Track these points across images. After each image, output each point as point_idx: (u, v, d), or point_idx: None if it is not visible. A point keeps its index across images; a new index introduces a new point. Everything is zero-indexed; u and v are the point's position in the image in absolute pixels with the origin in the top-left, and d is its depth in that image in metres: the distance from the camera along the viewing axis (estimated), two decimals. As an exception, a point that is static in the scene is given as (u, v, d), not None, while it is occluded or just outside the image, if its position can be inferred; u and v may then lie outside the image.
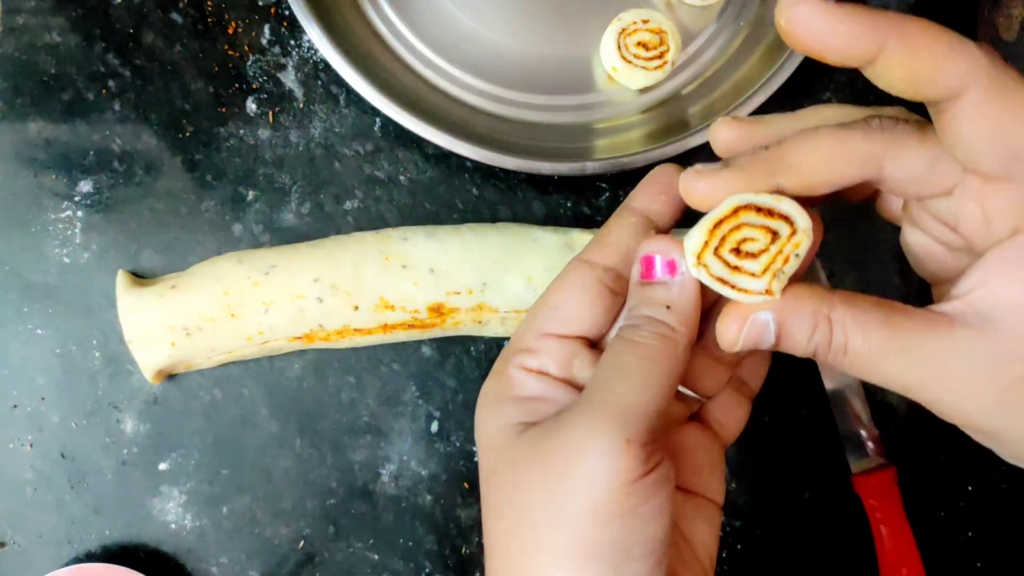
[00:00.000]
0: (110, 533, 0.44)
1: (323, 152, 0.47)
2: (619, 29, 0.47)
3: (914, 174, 0.25)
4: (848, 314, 0.24)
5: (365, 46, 0.47)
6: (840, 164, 0.25)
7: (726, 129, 0.27)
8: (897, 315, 0.24)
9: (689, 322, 0.27)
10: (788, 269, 0.25)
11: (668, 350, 0.26)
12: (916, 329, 0.24)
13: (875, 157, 0.25)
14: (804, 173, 0.25)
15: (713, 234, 0.25)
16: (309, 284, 0.42)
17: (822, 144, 0.25)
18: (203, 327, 0.42)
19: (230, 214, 0.46)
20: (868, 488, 0.46)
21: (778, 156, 0.25)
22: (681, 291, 0.27)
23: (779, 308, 0.25)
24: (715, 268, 0.25)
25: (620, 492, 0.24)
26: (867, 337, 0.24)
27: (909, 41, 0.22)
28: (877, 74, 0.23)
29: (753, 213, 0.25)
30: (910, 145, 0.25)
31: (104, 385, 0.45)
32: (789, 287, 0.25)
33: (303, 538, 0.45)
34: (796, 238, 0.25)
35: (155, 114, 0.46)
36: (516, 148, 0.45)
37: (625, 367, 0.26)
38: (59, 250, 0.45)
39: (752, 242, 0.25)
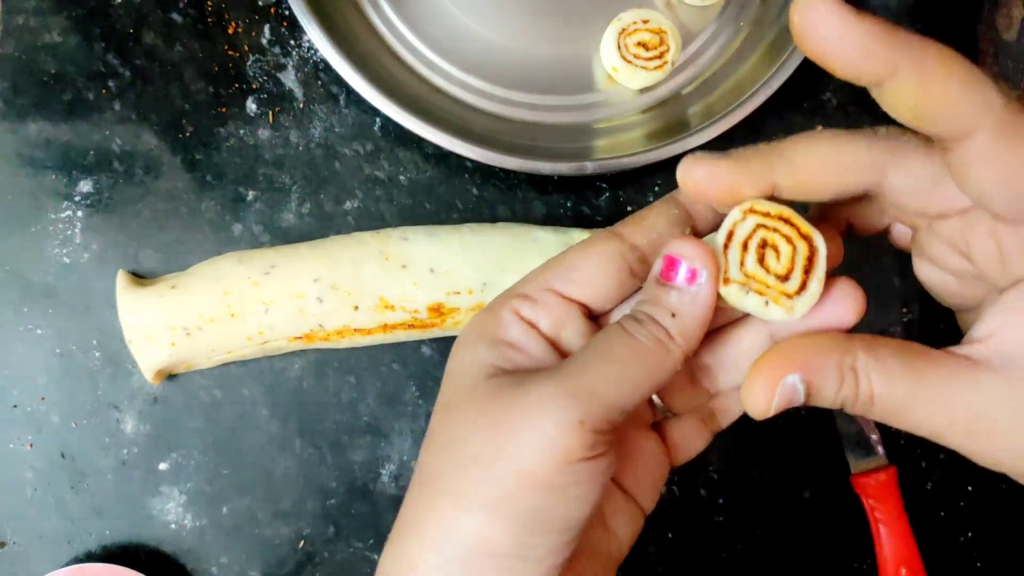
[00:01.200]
0: (110, 533, 0.44)
1: (323, 152, 0.47)
2: (619, 29, 0.47)
3: (917, 187, 0.24)
4: (871, 363, 0.24)
5: (365, 46, 0.47)
6: (841, 168, 0.24)
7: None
8: (920, 361, 0.23)
9: (690, 337, 0.26)
10: (819, 271, 0.25)
11: (659, 356, 0.25)
12: (940, 376, 0.23)
13: (878, 164, 0.24)
14: (803, 173, 0.24)
15: (728, 250, 0.25)
16: (309, 284, 0.42)
17: (824, 145, 0.24)
18: (203, 327, 0.42)
19: (230, 214, 0.46)
20: (868, 488, 0.46)
21: (779, 152, 0.24)
22: (693, 303, 0.26)
23: (806, 367, 0.24)
24: (752, 281, 0.25)
25: (555, 467, 0.24)
26: (892, 386, 0.23)
27: (924, 70, 0.20)
28: (884, 97, 0.21)
29: (763, 229, 0.25)
30: (915, 156, 0.24)
31: (104, 385, 0.45)
32: (812, 340, 0.24)
33: (303, 538, 0.45)
34: (820, 252, 0.25)
35: (155, 114, 0.46)
36: (516, 148, 0.45)
37: (610, 354, 0.25)
38: (59, 250, 0.45)
39: (771, 253, 0.25)
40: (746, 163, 0.24)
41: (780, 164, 0.24)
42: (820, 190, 0.24)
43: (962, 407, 0.23)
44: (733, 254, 0.25)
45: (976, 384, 0.23)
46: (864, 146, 0.24)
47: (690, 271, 0.26)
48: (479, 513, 0.25)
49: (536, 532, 0.25)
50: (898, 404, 0.23)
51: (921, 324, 0.48)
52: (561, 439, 0.24)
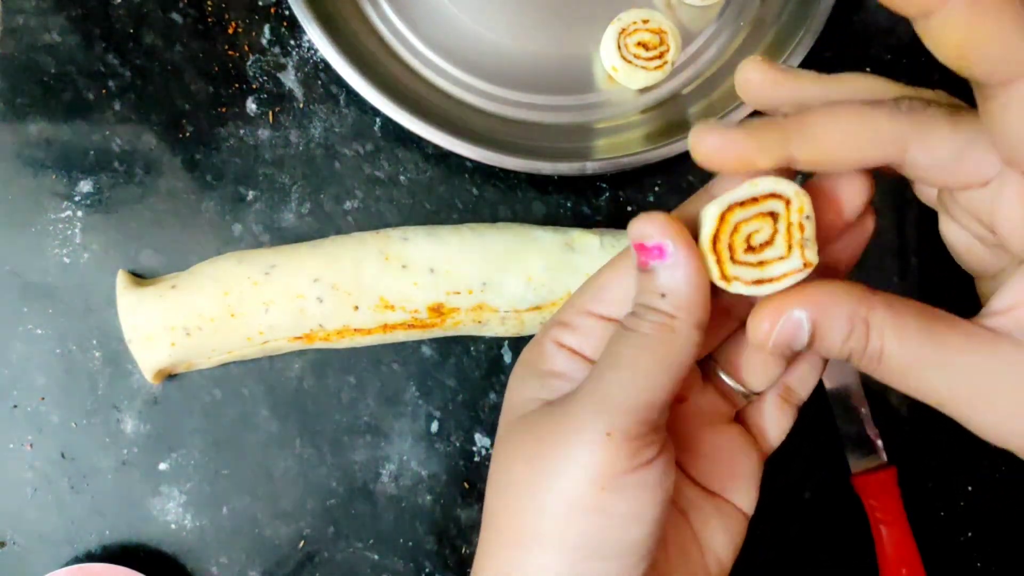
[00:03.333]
0: (110, 533, 0.44)
1: (323, 152, 0.47)
2: (619, 29, 0.47)
3: (940, 161, 0.23)
4: (888, 319, 0.23)
5: (365, 46, 0.47)
6: (861, 142, 0.23)
7: (753, 71, 0.25)
8: (940, 325, 0.23)
9: (689, 306, 0.24)
10: (808, 234, 0.24)
11: (664, 339, 0.24)
12: (959, 342, 0.23)
13: (899, 139, 0.23)
14: (821, 147, 0.23)
15: (719, 249, 0.24)
16: (309, 284, 0.42)
17: (844, 119, 0.23)
18: (203, 327, 0.42)
19: (230, 214, 0.46)
20: (868, 488, 0.46)
21: (796, 125, 0.23)
22: (673, 276, 0.24)
23: (815, 306, 0.23)
24: (744, 274, 0.24)
25: (596, 488, 0.24)
26: (905, 345, 0.23)
27: (976, 5, 0.19)
28: (930, 31, 0.20)
29: (740, 209, 0.24)
30: (939, 130, 0.23)
31: (104, 385, 0.45)
32: (828, 283, 0.24)
33: (303, 538, 0.45)
34: (794, 204, 0.24)
35: (155, 114, 0.46)
36: (516, 148, 0.45)
37: (618, 357, 0.25)
38: (59, 250, 0.45)
39: (758, 233, 0.24)
40: (761, 134, 0.23)
41: (797, 137, 0.23)
42: (838, 164, 0.24)
43: (976, 377, 0.22)
44: (723, 248, 0.24)
45: (995, 355, 0.22)
46: (886, 120, 0.23)
47: (656, 248, 0.25)
48: (535, 548, 0.24)
49: (593, 558, 0.24)
50: (908, 365, 0.23)
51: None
52: (593, 458, 0.24)
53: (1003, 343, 0.22)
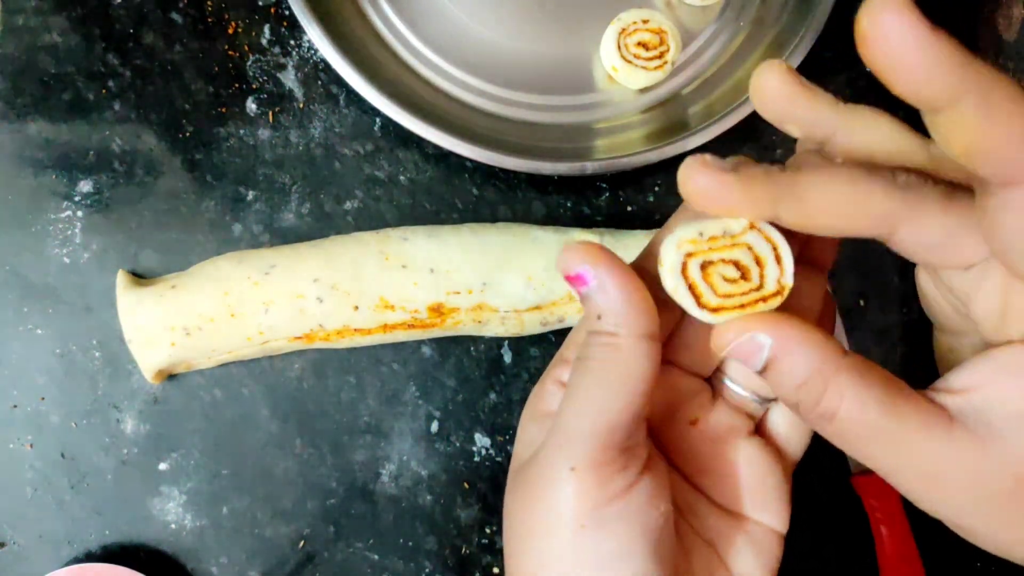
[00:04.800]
0: (110, 533, 0.44)
1: (323, 152, 0.47)
2: (619, 29, 0.47)
3: (928, 244, 0.23)
4: (851, 385, 0.22)
5: (365, 46, 0.47)
6: (852, 216, 0.22)
7: (773, 78, 0.24)
8: (901, 402, 0.22)
9: (626, 319, 0.24)
10: (786, 264, 0.23)
11: (611, 359, 0.24)
12: (916, 423, 0.22)
13: (891, 217, 0.22)
14: (810, 212, 0.22)
15: (690, 278, 0.23)
16: (309, 284, 0.42)
17: (839, 188, 0.22)
18: (203, 327, 0.42)
19: (230, 214, 0.46)
20: (868, 488, 0.46)
21: (789, 184, 0.22)
22: (602, 295, 0.24)
23: (780, 338, 0.23)
24: (714, 302, 0.23)
25: (573, 527, 0.23)
26: (862, 415, 0.22)
27: (990, 105, 0.19)
28: (939, 127, 0.20)
29: (710, 242, 0.23)
30: (931, 211, 0.22)
31: (104, 385, 0.45)
32: (803, 325, 0.23)
33: (303, 538, 0.45)
34: (774, 240, 0.23)
35: (155, 114, 0.46)
36: (516, 148, 0.45)
37: (573, 389, 0.24)
38: (59, 250, 0.45)
39: (732, 265, 0.23)
40: (753, 186, 0.23)
41: (788, 197, 0.22)
42: (824, 231, 0.23)
43: (926, 458, 0.22)
44: (696, 277, 0.24)
45: (948, 440, 0.22)
46: (880, 196, 0.22)
47: (579, 276, 0.24)
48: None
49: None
50: (860, 433, 0.22)
51: (921, 324, 0.48)
52: (565, 497, 0.23)
53: (957, 430, 0.22)
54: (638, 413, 0.24)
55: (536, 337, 0.46)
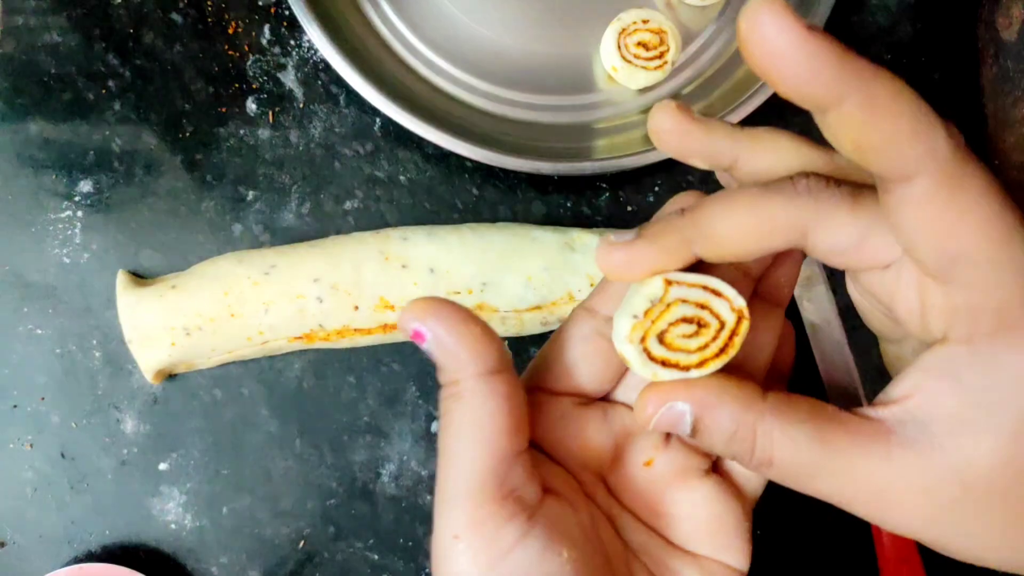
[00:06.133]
0: (110, 533, 0.44)
1: (323, 152, 0.47)
2: (619, 29, 0.47)
3: (841, 246, 0.22)
4: (777, 426, 0.22)
5: (365, 46, 0.47)
6: (760, 233, 0.22)
7: (665, 119, 0.25)
8: (831, 429, 0.22)
9: (462, 362, 0.23)
10: (731, 327, 0.23)
11: (458, 410, 0.23)
12: (851, 448, 0.22)
13: (798, 225, 0.22)
14: (723, 243, 0.23)
15: (644, 322, 0.23)
16: (309, 284, 0.42)
17: (740, 212, 0.22)
18: (203, 327, 0.42)
19: (230, 214, 0.46)
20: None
21: (694, 224, 0.23)
22: (438, 347, 0.23)
23: (698, 403, 0.23)
24: (664, 358, 0.23)
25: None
26: (796, 454, 0.22)
27: (873, 103, 0.19)
28: (827, 126, 0.20)
29: (682, 303, 0.23)
30: (838, 215, 0.22)
31: (104, 385, 0.45)
32: (716, 381, 0.23)
33: (303, 538, 0.45)
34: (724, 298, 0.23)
35: (155, 114, 0.46)
36: (516, 148, 0.45)
37: (438, 452, 0.24)
38: (59, 250, 0.45)
39: (681, 326, 0.23)
40: (661, 241, 0.23)
41: (698, 237, 0.23)
42: (743, 255, 0.23)
43: (871, 482, 0.22)
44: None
45: (888, 459, 0.22)
46: (781, 207, 0.22)
47: (416, 333, 0.24)
48: None
49: None
50: (800, 472, 0.22)
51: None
52: (459, 570, 0.23)
53: (895, 446, 0.22)
54: (505, 455, 0.23)
55: (536, 337, 0.46)
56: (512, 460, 0.24)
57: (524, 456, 0.24)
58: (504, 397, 0.23)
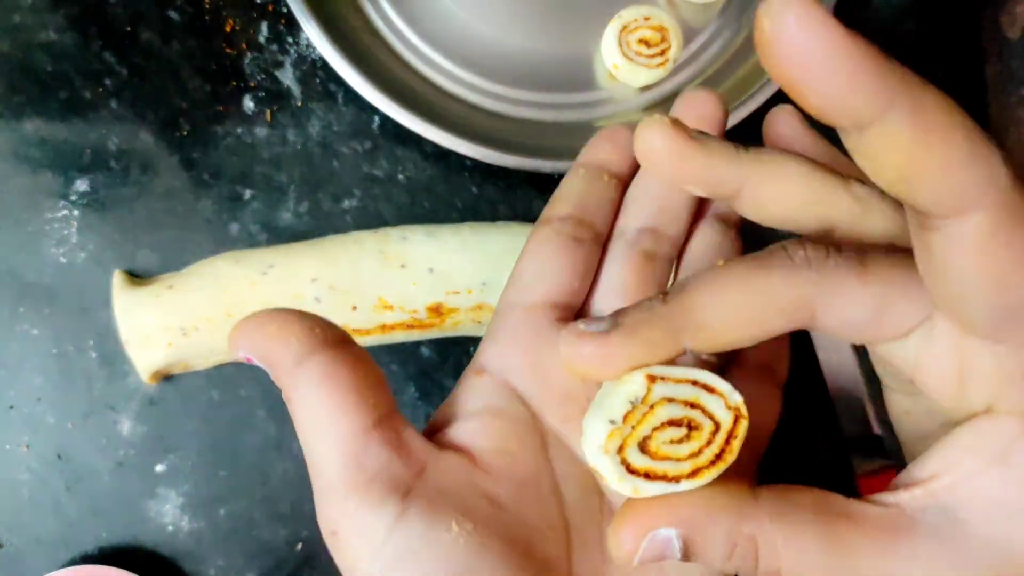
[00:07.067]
0: (107, 535, 0.44)
1: (321, 151, 0.47)
2: (620, 26, 0.46)
3: (855, 322, 0.19)
4: (779, 532, 0.19)
5: (363, 44, 0.47)
6: (760, 318, 0.19)
7: (656, 138, 0.20)
8: (842, 527, 0.19)
9: (277, 367, 0.23)
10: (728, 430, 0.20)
11: (294, 410, 0.24)
12: (869, 546, 0.19)
13: (802, 305, 0.19)
14: (717, 334, 0.19)
15: (622, 428, 0.20)
16: (307, 284, 0.42)
17: (734, 295, 0.19)
18: (200, 327, 0.42)
19: (227, 213, 0.46)
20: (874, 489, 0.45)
21: (681, 311, 0.20)
22: (259, 362, 0.23)
23: (685, 523, 0.19)
24: (648, 469, 0.20)
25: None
26: (806, 560, 0.19)
27: (924, 118, 0.15)
28: (865, 147, 0.16)
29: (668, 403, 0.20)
30: (847, 287, 0.19)
31: (100, 386, 0.44)
32: (703, 494, 0.20)
33: (301, 540, 0.45)
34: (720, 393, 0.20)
35: (152, 112, 0.46)
36: (516, 146, 0.44)
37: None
38: (55, 250, 0.45)
39: (672, 428, 0.20)
40: (643, 334, 0.19)
41: (685, 327, 0.20)
42: (740, 343, 0.20)
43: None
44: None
45: (913, 557, 0.19)
46: (781, 286, 0.19)
47: (247, 359, 0.24)
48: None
49: None
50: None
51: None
52: (346, 566, 0.22)
53: (920, 540, 0.19)
54: (353, 437, 0.22)
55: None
56: (364, 440, 0.22)
57: (384, 429, 0.22)
58: (328, 378, 0.22)
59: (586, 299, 0.27)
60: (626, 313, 0.20)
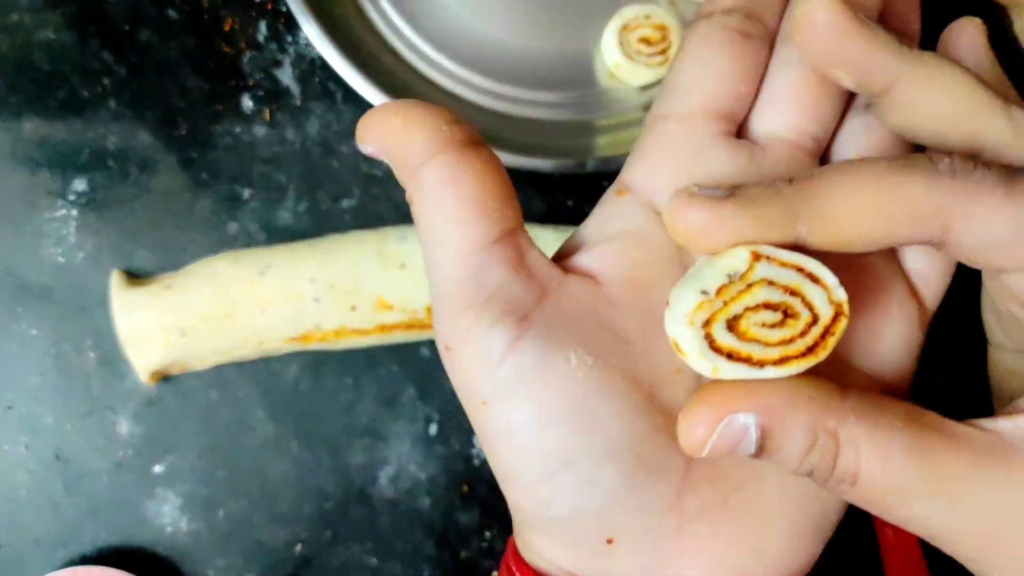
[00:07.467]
0: (105, 536, 0.44)
1: (320, 150, 0.46)
2: (620, 25, 0.46)
3: (994, 240, 0.18)
4: (864, 432, 0.18)
5: (362, 42, 0.46)
6: (890, 219, 0.18)
7: (822, 9, 0.19)
8: (932, 438, 0.18)
9: (401, 165, 0.22)
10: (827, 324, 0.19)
11: (415, 212, 0.22)
12: (959, 465, 0.18)
13: (940, 214, 0.18)
14: (839, 226, 0.18)
15: (714, 301, 0.19)
16: (306, 284, 0.42)
17: (869, 188, 0.18)
18: (199, 328, 0.42)
19: (226, 213, 0.46)
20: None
21: (804, 197, 0.18)
22: (385, 158, 0.23)
23: (765, 410, 0.18)
24: (736, 350, 0.19)
25: (477, 409, 0.22)
26: (888, 468, 0.18)
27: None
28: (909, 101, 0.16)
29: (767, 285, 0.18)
30: (991, 201, 0.18)
31: (99, 386, 0.44)
32: (787, 383, 0.19)
33: (300, 541, 0.45)
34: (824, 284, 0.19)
35: (150, 111, 0.46)
36: (516, 145, 0.44)
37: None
38: (53, 249, 0.45)
39: (767, 312, 0.19)
40: (761, 208, 0.18)
41: (807, 212, 0.18)
42: (860, 246, 0.19)
43: (983, 509, 0.18)
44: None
45: (1008, 480, 0.18)
46: (922, 189, 0.18)
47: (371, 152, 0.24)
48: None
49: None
50: (891, 493, 0.18)
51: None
52: (458, 383, 0.22)
53: (1016, 464, 0.18)
54: (473, 250, 0.20)
55: (536, 338, 0.46)
56: (483, 255, 0.20)
57: (506, 246, 0.21)
58: (450, 183, 0.20)
59: (746, 114, 0.23)
60: (745, 187, 0.19)
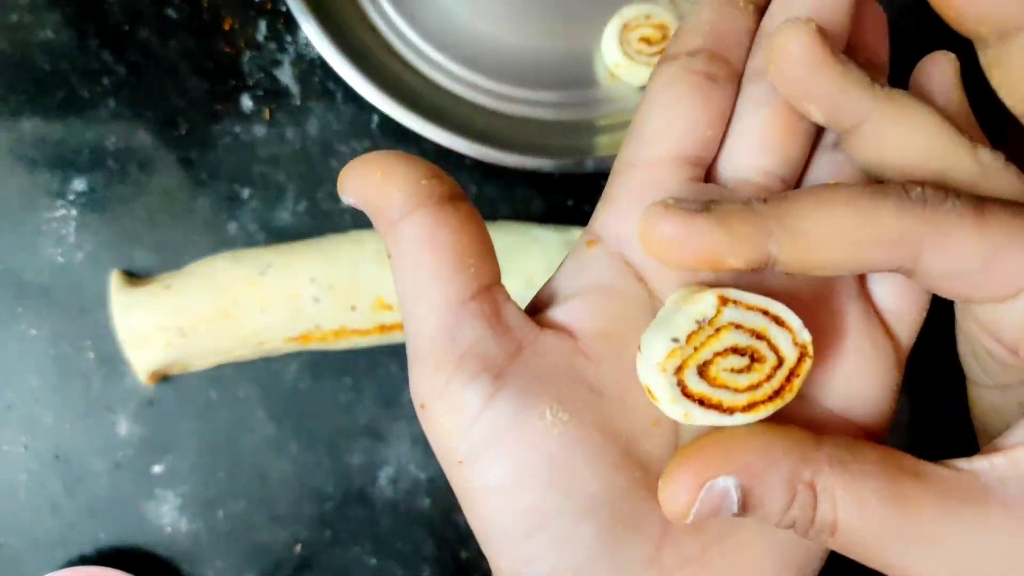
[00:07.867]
0: (104, 536, 0.44)
1: (320, 149, 0.46)
2: (621, 24, 0.46)
3: (962, 269, 0.18)
4: (839, 482, 0.18)
5: (362, 42, 0.46)
6: (860, 244, 0.18)
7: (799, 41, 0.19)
8: (906, 483, 0.18)
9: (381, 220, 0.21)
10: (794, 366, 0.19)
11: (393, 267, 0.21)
12: (934, 509, 0.18)
13: (910, 241, 0.18)
14: (810, 246, 0.18)
15: (684, 348, 0.19)
16: (305, 284, 0.42)
17: (840, 211, 0.18)
18: (198, 328, 0.42)
19: (225, 213, 0.46)
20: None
21: (779, 214, 0.18)
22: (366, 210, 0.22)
23: (744, 470, 0.18)
24: (704, 395, 0.19)
25: (453, 469, 0.22)
26: (865, 516, 0.18)
27: None
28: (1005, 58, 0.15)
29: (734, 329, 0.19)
30: (961, 231, 0.18)
31: (98, 386, 0.44)
32: (763, 436, 0.19)
33: (299, 542, 0.44)
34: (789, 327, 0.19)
35: (150, 111, 0.46)
36: (516, 145, 0.44)
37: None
38: (53, 249, 0.45)
39: (735, 356, 0.19)
40: (734, 224, 0.18)
41: (779, 231, 0.18)
42: (829, 269, 0.19)
43: (963, 553, 0.18)
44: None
45: (985, 525, 0.18)
46: (894, 213, 0.18)
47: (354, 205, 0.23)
48: None
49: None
50: (869, 539, 0.18)
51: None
52: (434, 441, 0.21)
53: (994, 508, 0.18)
54: (448, 306, 0.20)
55: (536, 338, 0.46)
56: (459, 312, 0.20)
57: (482, 302, 0.21)
58: (428, 239, 0.20)
59: (715, 157, 0.23)
60: (721, 202, 0.19)
